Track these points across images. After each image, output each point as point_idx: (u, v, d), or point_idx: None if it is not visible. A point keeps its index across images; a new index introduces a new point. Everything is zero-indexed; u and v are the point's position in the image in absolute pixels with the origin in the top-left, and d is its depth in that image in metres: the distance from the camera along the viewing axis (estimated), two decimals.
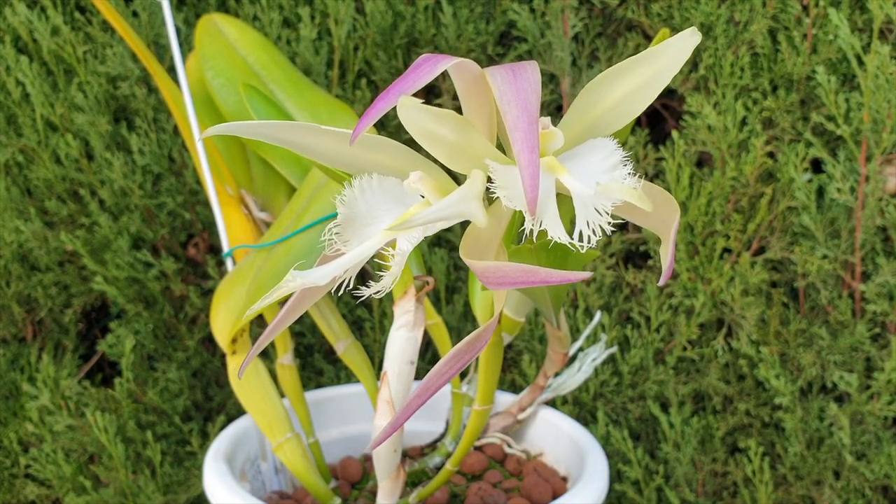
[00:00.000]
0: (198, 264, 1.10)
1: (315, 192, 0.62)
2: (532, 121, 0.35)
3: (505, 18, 1.03)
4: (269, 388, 0.64)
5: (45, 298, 1.10)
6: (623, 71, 0.40)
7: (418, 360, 1.06)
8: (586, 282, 1.02)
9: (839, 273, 0.96)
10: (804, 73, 0.96)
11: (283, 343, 0.69)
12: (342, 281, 0.42)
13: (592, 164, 0.39)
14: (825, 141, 0.97)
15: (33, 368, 1.10)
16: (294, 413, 0.71)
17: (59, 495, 1.05)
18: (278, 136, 0.43)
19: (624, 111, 0.42)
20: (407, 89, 0.37)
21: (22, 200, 1.08)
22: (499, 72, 0.37)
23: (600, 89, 0.41)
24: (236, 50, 0.71)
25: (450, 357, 0.44)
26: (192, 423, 1.06)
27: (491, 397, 0.60)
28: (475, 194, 0.40)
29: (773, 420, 0.99)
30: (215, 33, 0.71)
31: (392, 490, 0.57)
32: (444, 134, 0.40)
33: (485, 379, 0.59)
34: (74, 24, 1.07)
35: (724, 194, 0.97)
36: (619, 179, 0.38)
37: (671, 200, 0.40)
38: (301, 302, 0.46)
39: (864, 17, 0.95)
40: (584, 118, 0.42)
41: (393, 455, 0.55)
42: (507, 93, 0.36)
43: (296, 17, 1.04)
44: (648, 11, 1.00)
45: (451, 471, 0.62)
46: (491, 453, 0.70)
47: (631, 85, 0.41)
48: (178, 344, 1.08)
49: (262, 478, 0.72)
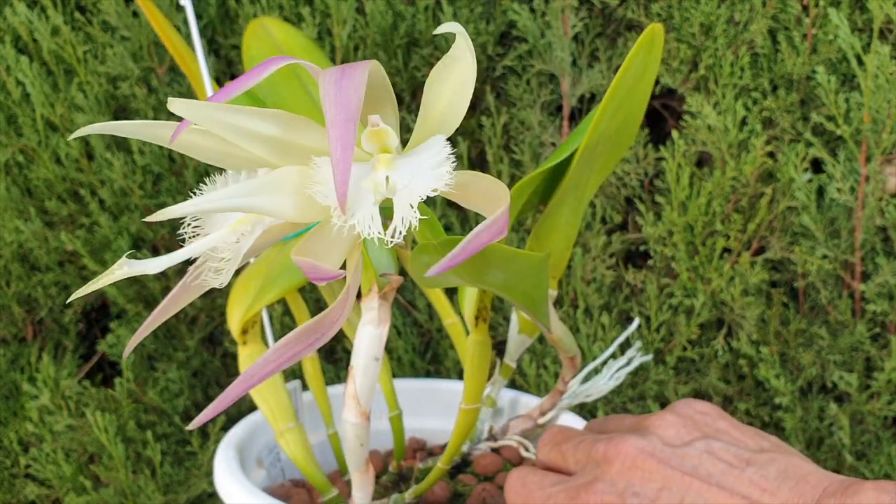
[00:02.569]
0: None
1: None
2: (349, 118, 0.35)
3: (505, 18, 1.03)
4: (274, 378, 0.65)
5: (46, 298, 1.10)
6: (445, 68, 0.41)
7: (419, 360, 1.06)
8: (586, 281, 1.02)
9: (839, 273, 0.96)
10: (804, 72, 0.96)
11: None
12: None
13: (422, 161, 0.39)
14: (825, 141, 0.97)
15: (33, 368, 1.10)
16: (316, 404, 0.72)
17: (60, 495, 1.06)
18: (145, 132, 0.43)
19: (457, 108, 0.42)
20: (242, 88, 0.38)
21: (22, 200, 1.08)
22: (328, 72, 0.38)
23: (433, 87, 0.42)
24: (280, 52, 0.72)
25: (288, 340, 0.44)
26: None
27: (477, 397, 0.61)
28: (266, 188, 0.40)
29: (773, 420, 0.99)
30: (262, 36, 0.73)
31: (362, 483, 0.58)
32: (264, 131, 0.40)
33: (470, 378, 0.60)
34: (74, 24, 1.07)
35: (724, 194, 0.97)
36: (438, 176, 0.39)
37: (500, 189, 0.41)
38: (181, 295, 0.47)
39: (864, 17, 0.96)
40: (428, 117, 0.43)
41: (360, 449, 0.56)
42: (329, 91, 0.37)
43: (296, 16, 1.04)
44: (648, 11, 1.00)
45: (442, 469, 0.63)
46: (508, 456, 0.71)
47: (455, 83, 0.42)
48: (179, 344, 1.08)
49: (282, 465, 0.73)
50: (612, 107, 0.53)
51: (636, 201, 1.02)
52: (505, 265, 0.47)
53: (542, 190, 0.58)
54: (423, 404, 0.79)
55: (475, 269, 0.47)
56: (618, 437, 0.52)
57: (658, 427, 0.53)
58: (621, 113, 0.55)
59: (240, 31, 1.05)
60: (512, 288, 0.51)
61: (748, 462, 0.49)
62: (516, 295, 0.52)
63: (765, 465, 0.49)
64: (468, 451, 0.70)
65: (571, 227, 0.60)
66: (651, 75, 0.56)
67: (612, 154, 0.59)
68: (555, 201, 0.56)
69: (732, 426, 0.53)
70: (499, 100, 1.06)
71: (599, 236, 1.01)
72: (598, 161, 0.58)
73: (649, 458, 0.50)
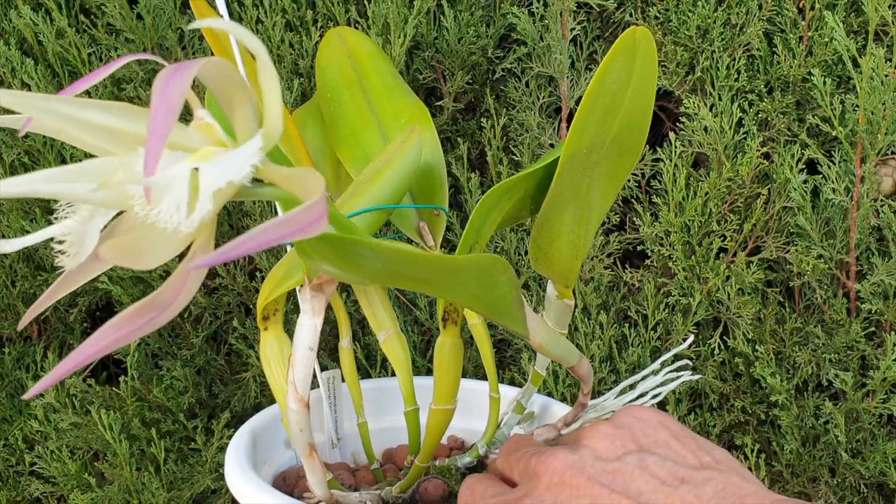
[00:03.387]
0: None
1: (358, 186, 0.64)
2: (168, 111, 0.37)
3: (505, 21, 1.04)
4: (284, 362, 0.67)
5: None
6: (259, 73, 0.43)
7: (419, 359, 1.07)
8: (584, 280, 1.03)
9: (834, 272, 0.97)
10: (800, 75, 0.97)
11: (344, 327, 0.73)
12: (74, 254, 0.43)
13: (237, 155, 0.40)
14: (820, 142, 0.98)
15: (39, 367, 1.11)
16: (349, 394, 0.74)
17: (64, 492, 1.06)
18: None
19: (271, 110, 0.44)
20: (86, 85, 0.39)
21: (27, 201, 1.09)
22: (165, 69, 0.39)
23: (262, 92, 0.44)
24: (349, 59, 0.74)
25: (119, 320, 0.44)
26: (196, 420, 1.07)
27: (448, 398, 0.61)
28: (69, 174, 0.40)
29: (769, 417, 1.00)
30: (335, 44, 0.75)
31: (310, 467, 0.60)
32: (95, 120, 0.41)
33: (439, 379, 0.60)
34: (79, 27, 1.08)
35: (721, 195, 0.98)
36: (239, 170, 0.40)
37: (314, 183, 0.42)
38: (76, 275, 0.47)
39: (859, 20, 0.97)
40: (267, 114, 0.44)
41: (300, 434, 0.58)
42: (157, 88, 0.38)
43: (298, 20, 1.05)
44: (646, 15, 1.01)
45: (420, 467, 0.64)
46: None
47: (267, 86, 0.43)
48: (183, 342, 1.09)
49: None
50: (598, 112, 0.53)
51: (633, 202, 1.03)
52: (426, 268, 0.47)
53: (538, 195, 0.57)
54: (425, 404, 0.80)
55: (401, 274, 0.47)
56: (548, 452, 0.50)
57: (591, 439, 0.50)
58: (613, 119, 0.54)
59: None
60: (454, 293, 0.51)
61: (682, 480, 0.46)
62: (468, 300, 0.52)
63: (700, 484, 0.46)
64: (485, 454, 0.71)
65: (577, 236, 0.58)
66: (645, 81, 0.55)
67: (620, 162, 0.58)
68: (549, 209, 0.56)
69: (673, 437, 0.50)
70: (498, 102, 1.07)
71: (597, 236, 1.02)
72: (598, 169, 0.57)
73: (578, 473, 0.48)
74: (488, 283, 0.51)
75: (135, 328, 0.44)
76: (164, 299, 0.44)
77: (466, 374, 1.05)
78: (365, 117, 0.70)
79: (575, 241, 0.59)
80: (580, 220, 0.58)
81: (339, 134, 0.70)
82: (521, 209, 0.58)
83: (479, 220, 0.55)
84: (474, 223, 0.55)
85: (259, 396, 1.08)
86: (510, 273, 0.52)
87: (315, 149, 0.74)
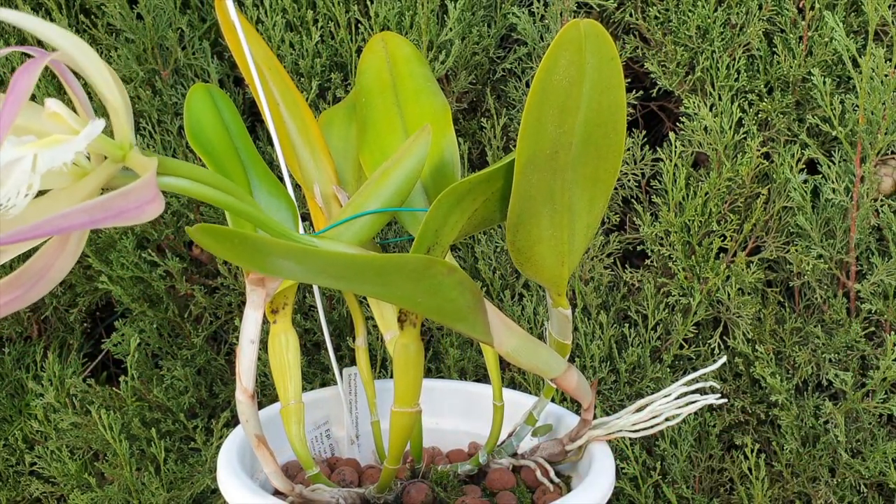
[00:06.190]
0: (202, 264, 1.11)
1: (366, 186, 0.64)
2: (15, 101, 0.38)
3: (505, 22, 1.04)
4: (289, 356, 0.68)
5: (51, 297, 1.11)
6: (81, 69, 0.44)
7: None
8: (584, 280, 1.03)
9: (834, 272, 0.97)
10: (800, 75, 0.97)
11: (359, 327, 0.74)
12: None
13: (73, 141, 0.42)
14: (820, 142, 0.98)
15: (39, 367, 1.11)
16: (363, 392, 0.75)
17: (64, 492, 1.07)
18: None
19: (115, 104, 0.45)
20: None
21: None
22: (26, 62, 0.41)
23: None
24: (386, 63, 0.74)
25: None
26: (196, 420, 1.07)
27: (409, 400, 0.60)
28: None
29: (768, 417, 1.00)
30: (377, 49, 0.76)
31: (262, 458, 0.60)
32: None
33: (397, 381, 0.60)
34: (79, 27, 1.08)
35: (721, 195, 0.98)
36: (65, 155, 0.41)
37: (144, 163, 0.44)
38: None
39: (859, 20, 0.97)
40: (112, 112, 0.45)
41: (247, 425, 0.59)
42: (13, 80, 0.39)
43: (298, 20, 1.05)
44: (646, 15, 1.01)
45: (389, 469, 0.63)
46: (524, 476, 0.70)
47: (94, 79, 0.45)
48: (183, 342, 1.09)
49: (331, 442, 0.76)
50: (551, 111, 0.51)
51: (633, 202, 1.03)
52: (347, 269, 0.47)
53: (508, 198, 0.55)
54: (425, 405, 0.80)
55: (326, 274, 0.46)
56: None
57: None
58: (573, 118, 0.52)
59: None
60: (388, 295, 0.50)
61: None
62: (406, 303, 0.50)
63: None
64: (486, 463, 0.70)
65: (560, 241, 0.57)
66: (608, 78, 0.52)
67: (600, 164, 0.56)
68: (521, 212, 0.54)
69: None
70: (499, 102, 1.07)
71: (597, 236, 1.02)
72: (571, 171, 0.55)
73: None
74: (427, 285, 0.49)
75: (4, 301, 0.45)
76: (34, 270, 0.45)
77: (466, 374, 1.05)
78: (391, 121, 0.71)
79: (558, 246, 0.57)
80: (560, 225, 0.56)
81: (365, 138, 0.71)
82: (492, 211, 0.57)
83: (437, 222, 0.54)
84: (430, 224, 0.54)
85: (259, 396, 1.08)
86: (459, 276, 0.50)
87: (337, 149, 0.75)
